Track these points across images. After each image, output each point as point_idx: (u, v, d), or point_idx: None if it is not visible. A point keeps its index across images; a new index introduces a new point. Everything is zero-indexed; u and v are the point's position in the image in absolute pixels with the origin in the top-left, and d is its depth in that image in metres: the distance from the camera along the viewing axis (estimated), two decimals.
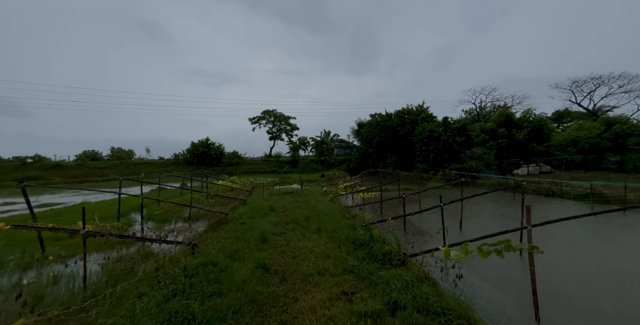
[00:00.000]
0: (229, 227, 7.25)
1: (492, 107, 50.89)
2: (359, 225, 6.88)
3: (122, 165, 39.60)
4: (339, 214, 8.92)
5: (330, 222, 7.49)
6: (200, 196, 12.76)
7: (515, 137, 23.98)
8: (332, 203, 11.36)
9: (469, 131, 24.68)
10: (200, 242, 5.72)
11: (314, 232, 6.64)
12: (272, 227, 7.26)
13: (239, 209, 9.97)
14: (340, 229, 6.68)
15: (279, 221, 8.09)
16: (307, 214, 8.86)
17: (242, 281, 3.81)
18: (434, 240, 5.39)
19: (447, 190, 15.22)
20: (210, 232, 6.79)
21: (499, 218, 9.25)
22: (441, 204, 6.46)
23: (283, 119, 52.77)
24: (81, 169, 36.32)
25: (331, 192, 14.91)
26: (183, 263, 4.26)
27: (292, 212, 9.45)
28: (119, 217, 9.76)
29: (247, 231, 6.82)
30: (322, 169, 41.97)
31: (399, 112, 37.28)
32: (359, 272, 4.14)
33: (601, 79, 36.82)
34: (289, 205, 10.96)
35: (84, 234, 4.47)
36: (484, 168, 23.16)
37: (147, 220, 10.06)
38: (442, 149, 26.15)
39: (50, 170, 34.93)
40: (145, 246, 5.67)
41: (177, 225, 8.76)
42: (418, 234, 6.68)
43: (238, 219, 8.20)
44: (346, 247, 5.41)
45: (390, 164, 34.01)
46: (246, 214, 9.01)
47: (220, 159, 43.14)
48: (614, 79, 35.76)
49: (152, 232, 6.15)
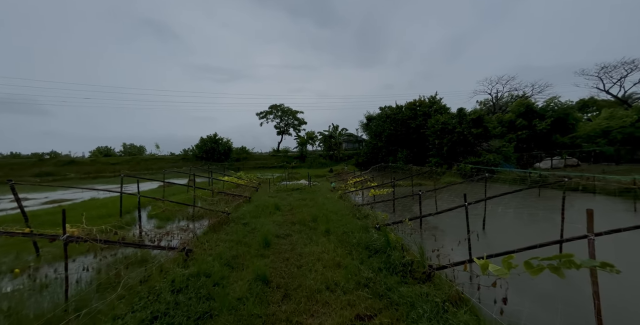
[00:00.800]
0: (231, 228, 6.73)
1: (510, 97, 48.18)
2: (372, 227, 6.19)
3: (133, 161, 40.27)
4: (349, 213, 8.25)
5: (340, 223, 6.84)
6: (205, 193, 12.40)
7: (536, 128, 22.29)
8: (341, 201, 10.69)
9: (485, 123, 23.17)
10: (197, 247, 5.20)
11: (323, 234, 6.01)
12: (277, 229, 6.68)
13: (243, 207, 9.48)
14: (352, 231, 6.01)
15: (284, 221, 7.51)
16: (315, 213, 8.23)
17: (237, 299, 3.23)
18: (463, 248, 4.64)
19: (464, 186, 14.23)
20: (209, 233, 6.28)
21: (529, 219, 8.22)
22: (466, 203, 5.65)
23: (290, 114, 52.02)
24: (94, 165, 37.18)
25: (340, 188, 14.23)
26: (172, 275, 3.72)
27: (298, 210, 8.86)
28: (122, 214, 9.51)
29: (249, 233, 6.27)
30: (330, 163, 41.26)
31: (410, 104, 35.74)
32: (376, 288, 3.48)
33: (634, 64, 33.80)
34: (296, 203, 10.37)
35: (65, 240, 4.01)
36: (503, 161, 21.76)
37: (150, 218, 9.77)
38: (457, 142, 24.78)
39: (65, 166, 35.93)
40: (141, 249, 5.23)
41: (180, 224, 8.36)
42: (439, 238, 5.92)
43: (241, 219, 7.68)
44: (359, 253, 4.74)
45: (401, 158, 32.87)
46: (250, 213, 8.49)
47: (228, 154, 43.15)
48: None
49: (147, 234, 5.69)
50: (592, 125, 21.94)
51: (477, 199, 6.21)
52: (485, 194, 8.97)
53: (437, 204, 10.43)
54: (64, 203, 14.06)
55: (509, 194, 11.37)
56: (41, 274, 4.68)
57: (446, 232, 6.57)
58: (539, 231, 6.76)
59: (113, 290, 3.31)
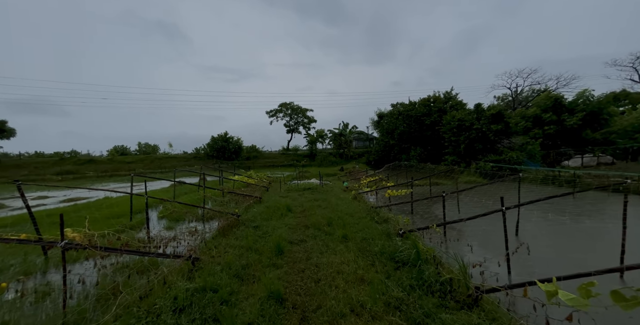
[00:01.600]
0: (241, 232, 6.32)
1: (531, 92, 45.63)
2: (395, 233, 5.59)
3: (147, 160, 41.24)
4: (366, 215, 7.66)
5: (357, 228, 6.28)
6: (215, 193, 12.15)
7: (565, 123, 20.67)
8: (356, 202, 10.11)
9: (506, 118, 21.76)
10: (205, 253, 4.80)
11: (340, 241, 5.48)
12: (290, 233, 6.20)
13: (254, 208, 9.10)
14: (372, 238, 5.44)
15: (297, 225, 7.04)
16: (329, 215, 7.71)
17: (247, 324, 2.75)
18: (514, 263, 3.91)
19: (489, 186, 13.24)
20: (218, 238, 5.89)
21: (573, 227, 7.08)
22: (503, 208, 4.94)
23: (300, 112, 51.62)
24: (111, 164, 38.36)
25: (353, 188, 13.63)
26: (175, 290, 3.30)
27: (311, 212, 8.36)
28: (132, 214, 9.36)
29: (261, 238, 5.83)
30: (340, 162, 40.59)
31: (424, 100, 34.45)
32: (410, 311, 2.92)
33: None
34: (308, 204, 9.89)
35: (63, 247, 3.68)
36: (527, 159, 20.37)
37: (160, 218, 9.58)
38: (475, 139, 23.49)
39: (84, 164, 37.27)
40: None
41: (190, 225, 8.08)
42: (475, 248, 5.23)
43: (251, 222, 7.27)
44: (383, 265, 4.18)
45: (414, 157, 31.76)
46: (261, 214, 8.07)
47: (238, 152, 43.36)
48: None
49: (154, 239, 5.35)
50: (629, 119, 20.08)
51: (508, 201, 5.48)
52: (519, 196, 8.14)
53: (460, 205, 9.65)
54: (80, 202, 14.25)
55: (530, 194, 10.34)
56: (40, 282, 4.43)
57: (479, 240, 5.85)
58: (588, 242, 5.93)
59: (112, 303, 2.92)
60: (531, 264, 4.34)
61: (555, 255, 4.97)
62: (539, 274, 3.48)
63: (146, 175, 11.74)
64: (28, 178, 30.26)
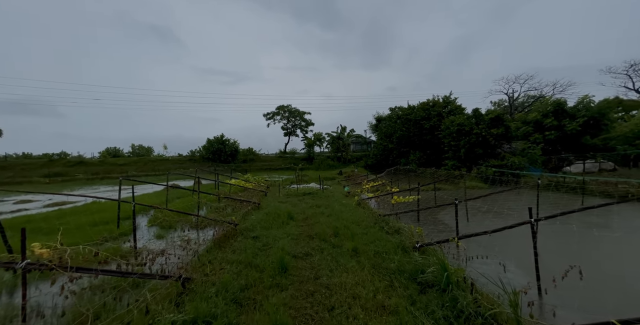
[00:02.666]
0: (238, 244, 5.71)
1: (526, 98, 46.18)
2: (410, 246, 5.05)
3: (140, 162, 40.13)
4: (374, 224, 7.12)
5: (367, 239, 5.73)
6: (211, 198, 11.47)
7: (565, 128, 20.59)
8: (360, 208, 9.56)
9: (506, 122, 21.61)
10: (197, 271, 4.19)
11: (350, 255, 4.91)
12: (293, 245, 5.62)
13: (252, 215, 8.48)
14: (386, 252, 4.89)
15: (300, 234, 6.45)
16: (335, 224, 7.15)
17: None
18: (562, 288, 3.30)
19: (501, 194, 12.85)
20: (214, 250, 5.27)
21: (608, 241, 6.20)
22: (532, 220, 4.46)
23: (298, 115, 51.26)
24: (102, 166, 37.16)
25: (355, 193, 13.10)
26: (159, 324, 2.69)
27: (314, 220, 7.78)
28: (119, 222, 8.65)
29: (261, 251, 5.23)
30: (338, 165, 40.12)
31: (423, 104, 34.39)
32: None
33: None
34: (310, 210, 9.31)
35: (24, 268, 3.05)
36: (528, 165, 20.16)
37: (151, 225, 8.88)
38: (475, 144, 23.28)
39: (74, 166, 36.01)
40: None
41: (183, 233, 7.42)
42: (499, 264, 4.71)
43: (250, 231, 6.66)
44: (404, 286, 3.63)
45: (413, 161, 31.50)
46: (260, 222, 7.46)
47: (235, 155, 42.59)
48: None
49: (139, 254, 4.71)
50: (628, 125, 20.11)
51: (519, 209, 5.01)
52: (538, 204, 7.69)
53: (469, 213, 9.19)
54: (65, 206, 13.40)
55: (534, 200, 9.79)
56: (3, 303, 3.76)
57: (508, 256, 5.29)
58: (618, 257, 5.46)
59: None
60: (589, 292, 3.71)
61: (609, 279, 4.44)
62: (606, 306, 2.97)
63: (137, 178, 11.07)
64: (13, 180, 28.98)
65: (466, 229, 6.76)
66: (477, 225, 7.76)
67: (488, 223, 7.95)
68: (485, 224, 7.83)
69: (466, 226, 8.36)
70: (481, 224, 7.91)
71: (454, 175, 17.40)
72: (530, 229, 4.33)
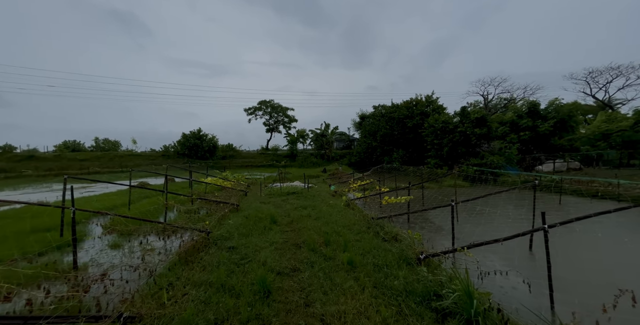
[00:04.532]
0: (210, 257, 4.73)
1: (499, 100, 48.75)
2: (412, 257, 4.43)
3: (105, 157, 36.35)
4: (367, 229, 6.47)
5: (362, 248, 5.03)
6: (183, 199, 10.14)
7: (538, 129, 21.68)
8: (349, 210, 8.90)
9: (489, 122, 22.27)
10: (151, 301, 3.19)
11: (345, 269, 4.17)
12: (277, 257, 4.76)
13: (229, 219, 7.44)
14: (386, 265, 4.22)
15: (285, 243, 5.60)
16: (324, 229, 6.39)
17: None
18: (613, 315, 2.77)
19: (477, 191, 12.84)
20: (178, 268, 4.25)
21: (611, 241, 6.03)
22: (545, 226, 4.03)
23: (280, 110, 49.67)
24: (58, 161, 33.02)
25: (342, 192, 12.45)
26: None
27: (301, 224, 6.96)
28: (63, 230, 7.15)
29: (238, 267, 4.31)
30: (322, 163, 39.48)
31: (406, 103, 34.67)
32: None
33: (619, 70, 34.72)
34: (296, 212, 8.46)
35: None
36: (505, 164, 20.93)
37: (107, 232, 7.49)
38: (458, 142, 23.77)
39: (22, 161, 31.60)
40: None
41: (146, 240, 6.23)
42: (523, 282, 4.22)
43: (226, 240, 5.67)
44: (415, 314, 2.95)
45: (397, 159, 31.74)
46: (238, 228, 6.48)
47: (213, 151, 40.19)
48: (632, 69, 33.68)
49: (78, 277, 3.57)
50: (591, 128, 21.66)
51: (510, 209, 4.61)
52: (534, 208, 7.47)
53: (460, 215, 8.90)
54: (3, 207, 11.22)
55: (505, 199, 9.74)
56: None
57: (517, 267, 4.82)
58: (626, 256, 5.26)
59: None
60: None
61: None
62: None
63: (100, 174, 9.41)
64: None
65: (459, 231, 6.36)
66: (467, 225, 7.43)
67: (477, 223, 7.67)
68: (477, 224, 7.53)
69: (457, 227, 8.04)
70: (473, 224, 7.60)
71: (439, 174, 17.44)
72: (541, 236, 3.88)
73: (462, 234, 6.44)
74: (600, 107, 35.60)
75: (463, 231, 6.71)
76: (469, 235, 6.22)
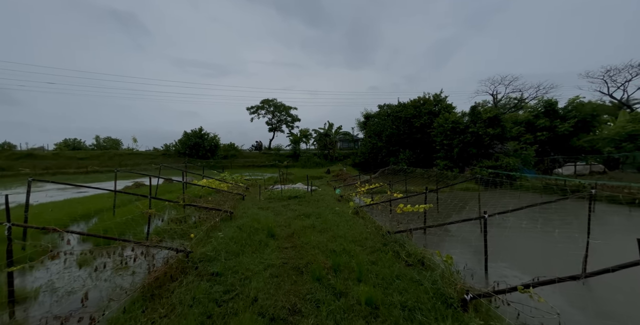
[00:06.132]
0: (185, 290, 3.64)
1: (508, 99, 47.13)
2: (455, 297, 3.30)
3: (104, 156, 35.67)
4: (383, 246, 5.34)
5: (382, 276, 3.92)
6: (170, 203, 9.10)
7: (557, 129, 20.27)
8: (358, 219, 7.77)
9: (503, 122, 20.94)
10: None
11: (363, 314, 3.06)
12: (272, 291, 3.66)
13: (219, 231, 6.36)
14: (419, 308, 3.10)
15: (283, 265, 4.50)
16: (330, 245, 5.29)
17: None
18: None
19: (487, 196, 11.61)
20: (138, 308, 3.18)
21: None
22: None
23: (283, 109, 48.66)
24: (57, 159, 32.43)
25: (349, 197, 11.33)
26: None
27: (303, 239, 5.85)
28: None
29: (218, 308, 3.23)
30: (325, 163, 38.39)
31: (414, 102, 33.39)
32: None
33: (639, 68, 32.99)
34: (297, 222, 7.36)
35: None
36: (522, 166, 19.59)
37: (84, 240, 6.49)
38: (469, 143, 22.47)
39: (20, 160, 31.02)
40: None
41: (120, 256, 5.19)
42: None
43: (209, 261, 4.59)
44: None
45: (404, 160, 30.51)
46: (228, 243, 5.40)
47: (214, 151, 39.33)
48: None
49: None
50: (615, 128, 20.21)
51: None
52: (589, 223, 6.27)
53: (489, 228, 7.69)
54: None
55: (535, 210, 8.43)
56: None
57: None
58: None
59: None
60: None
61: None
62: None
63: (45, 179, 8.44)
64: None
65: (495, 251, 5.22)
66: (503, 241, 6.27)
67: (514, 240, 6.49)
68: (514, 242, 6.36)
69: (480, 239, 6.89)
70: (509, 240, 6.43)
71: (453, 177, 16.21)
72: None
73: (500, 255, 5.30)
74: (618, 107, 33.91)
75: (500, 251, 5.55)
76: (508, 256, 5.07)
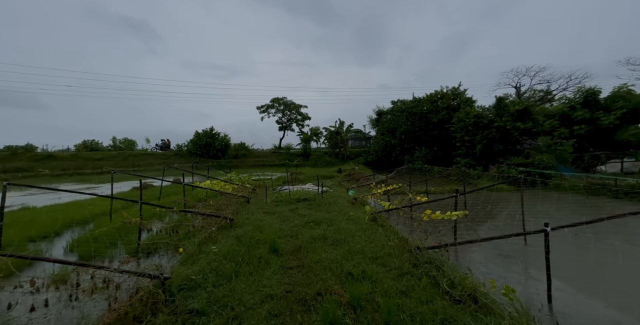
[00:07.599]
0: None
1: (532, 92, 43.64)
2: None
3: (120, 157, 36.43)
4: (413, 267, 4.19)
5: (419, 318, 2.79)
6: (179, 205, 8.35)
7: (600, 122, 17.94)
8: (377, 227, 6.61)
9: (534, 115, 18.85)
10: None
11: None
12: None
13: (214, 244, 5.44)
14: None
15: (285, 297, 3.47)
16: (345, 266, 4.21)
17: None
18: None
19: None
20: None
21: None
22: None
23: (293, 108, 47.86)
24: (75, 160, 33.39)
25: (363, 200, 10.18)
26: None
27: (312, 256, 4.80)
28: None
29: None
30: (336, 162, 37.17)
31: (430, 96, 31.46)
32: None
33: None
34: (305, 231, 6.32)
35: None
36: (557, 163, 17.52)
37: (71, 249, 5.83)
38: (495, 139, 20.52)
39: (41, 161, 32.18)
40: None
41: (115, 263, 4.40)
42: None
43: (193, 290, 3.63)
44: None
45: (419, 158, 28.75)
46: (221, 262, 4.44)
47: (225, 150, 39.20)
48: None
49: None
50: None
51: None
52: None
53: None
54: None
55: (613, 222, 7.05)
56: None
57: None
58: None
59: None
60: None
61: None
62: None
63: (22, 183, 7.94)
64: None
65: (527, 258, 3.92)
66: (570, 260, 4.93)
67: (560, 247, 5.11)
68: (563, 253, 4.98)
69: (524, 251, 5.54)
70: (562, 254, 5.07)
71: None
72: None
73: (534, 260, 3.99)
74: None
75: (538, 258, 4.25)
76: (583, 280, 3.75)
